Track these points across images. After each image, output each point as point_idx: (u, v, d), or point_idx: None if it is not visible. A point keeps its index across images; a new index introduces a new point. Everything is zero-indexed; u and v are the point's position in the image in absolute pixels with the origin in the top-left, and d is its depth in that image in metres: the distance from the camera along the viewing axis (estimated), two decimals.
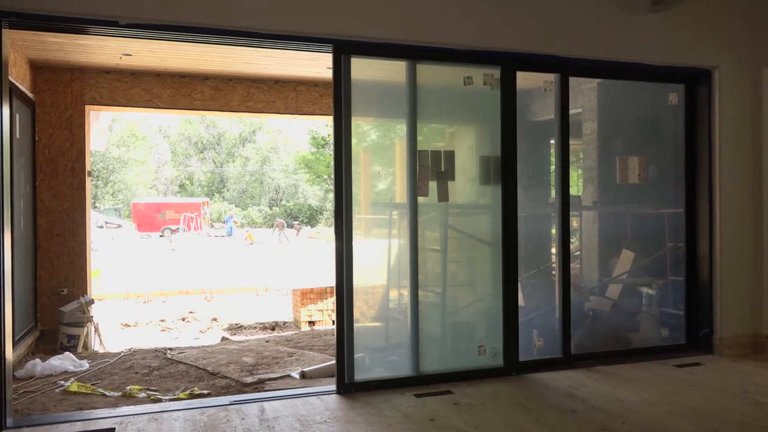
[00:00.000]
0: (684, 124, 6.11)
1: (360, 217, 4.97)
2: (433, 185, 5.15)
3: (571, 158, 5.70)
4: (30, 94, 7.50)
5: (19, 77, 6.87)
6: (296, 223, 38.94)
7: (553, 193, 6.19)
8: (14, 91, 6.45)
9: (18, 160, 6.70)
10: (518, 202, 5.35)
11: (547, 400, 4.61)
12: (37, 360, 6.09)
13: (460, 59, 5.18)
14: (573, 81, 5.70)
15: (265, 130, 49.27)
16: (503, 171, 5.29)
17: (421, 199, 5.12)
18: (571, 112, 5.66)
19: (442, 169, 5.18)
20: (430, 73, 5.20)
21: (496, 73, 5.28)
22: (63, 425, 4.16)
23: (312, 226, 41.50)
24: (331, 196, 40.85)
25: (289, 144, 48.97)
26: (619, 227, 6.82)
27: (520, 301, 5.45)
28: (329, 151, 39.06)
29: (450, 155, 5.23)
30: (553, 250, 6.27)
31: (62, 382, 5.57)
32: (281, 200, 47.51)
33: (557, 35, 5.39)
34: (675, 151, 6.21)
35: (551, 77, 5.62)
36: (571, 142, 5.66)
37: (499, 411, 4.39)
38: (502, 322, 5.26)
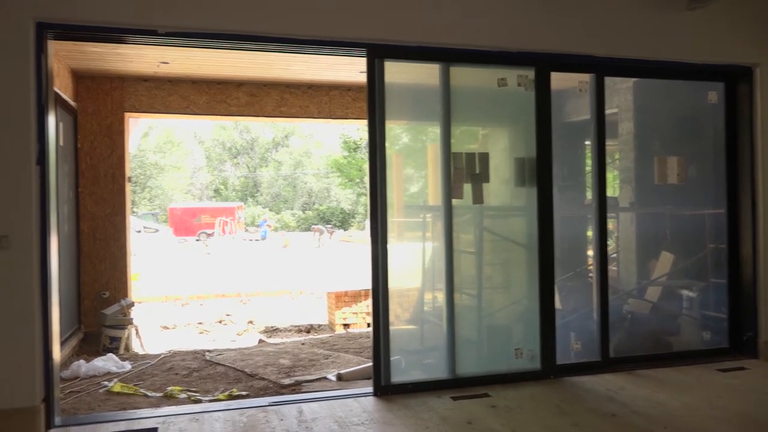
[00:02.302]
0: (724, 123, 5.98)
1: (393, 220, 4.99)
2: (467, 187, 5.14)
3: (607, 159, 5.62)
4: (72, 103, 7.73)
5: (62, 86, 7.08)
6: (329, 226, 39.16)
7: (588, 195, 6.13)
8: (58, 100, 6.65)
9: (62, 167, 6.91)
10: (553, 203, 5.31)
11: (585, 404, 4.56)
12: (82, 361, 6.27)
13: (494, 61, 5.16)
14: (608, 81, 5.64)
15: (297, 135, 49.71)
16: (539, 173, 5.25)
17: (455, 202, 5.12)
18: (606, 112, 5.59)
19: (477, 172, 5.16)
20: (464, 76, 5.20)
21: (530, 74, 5.25)
22: (108, 424, 4.28)
23: (344, 229, 41.68)
24: (363, 199, 41.04)
25: (321, 148, 49.31)
26: (657, 229, 6.70)
27: (557, 304, 5.40)
28: (361, 154, 39.23)
29: (484, 157, 5.22)
30: (590, 252, 6.19)
31: (106, 382, 5.72)
32: (314, 204, 47.84)
33: (592, 35, 5.33)
34: (715, 150, 6.08)
35: (586, 77, 5.57)
36: (607, 143, 5.59)
37: (537, 414, 4.35)
38: (539, 324, 5.22)
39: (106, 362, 6.27)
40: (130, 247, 8.43)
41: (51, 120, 4.32)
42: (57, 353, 4.36)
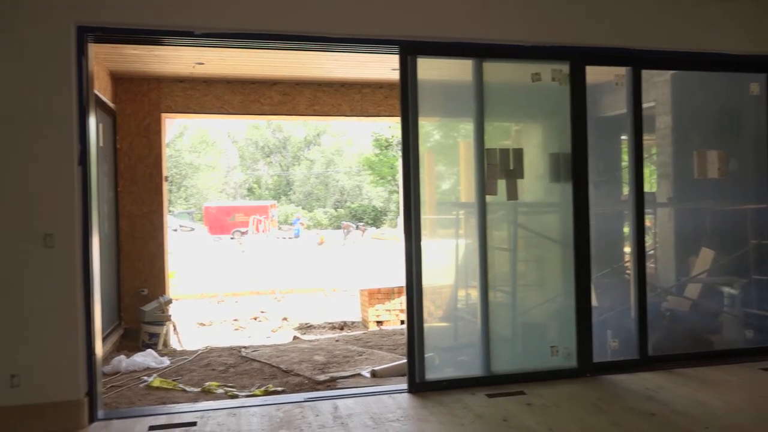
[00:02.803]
0: (767, 115, 5.81)
1: (425, 217, 4.98)
2: (501, 183, 5.10)
3: (644, 154, 5.52)
4: (111, 104, 7.91)
5: (102, 88, 7.25)
6: (361, 224, 39.28)
7: (625, 190, 6.03)
8: (97, 101, 6.81)
9: (102, 167, 7.08)
10: (589, 199, 5.23)
11: (624, 403, 4.49)
12: (122, 356, 6.41)
13: (528, 55, 5.12)
14: (645, 74, 5.53)
15: (329, 133, 49.95)
16: (574, 168, 5.19)
17: (489, 198, 5.09)
18: (643, 106, 5.49)
19: (511, 167, 5.12)
20: (497, 71, 5.16)
21: (564, 68, 5.19)
22: (148, 418, 4.37)
23: (377, 227, 41.76)
24: (395, 197, 41.04)
25: (352, 146, 49.47)
26: (697, 224, 6.55)
27: (593, 301, 5.33)
28: (392, 152, 39.23)
29: (518, 153, 5.17)
30: (626, 249, 6.09)
31: (145, 377, 5.84)
32: (346, 202, 48.04)
33: (628, 27, 5.24)
34: (757, 143, 5.92)
35: (622, 71, 5.48)
36: (644, 138, 5.49)
37: (574, 413, 4.31)
38: (575, 322, 5.16)
39: (146, 358, 6.41)
40: (167, 245, 8.59)
41: (92, 121, 4.43)
42: (99, 349, 4.48)
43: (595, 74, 5.38)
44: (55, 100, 4.19)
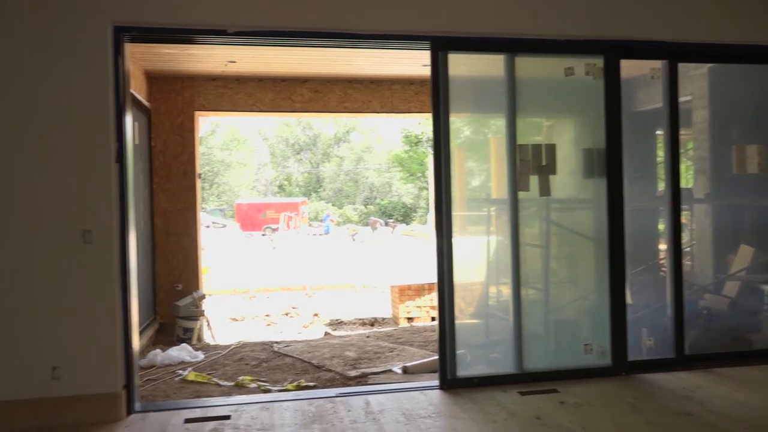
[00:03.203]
0: None
1: (455, 213, 4.95)
2: (534, 180, 5.05)
3: (680, 149, 5.41)
4: (146, 103, 8.05)
5: (137, 87, 7.39)
6: (391, 220, 39.31)
7: (660, 186, 5.91)
8: (133, 100, 6.94)
9: (137, 165, 7.21)
10: (623, 195, 5.15)
11: (659, 402, 4.42)
12: (158, 350, 6.54)
13: (561, 50, 5.05)
14: (682, 67, 5.41)
15: (359, 130, 50.07)
16: (608, 164, 5.11)
17: (521, 194, 5.04)
18: (680, 99, 5.38)
19: (543, 163, 5.07)
20: (529, 66, 5.11)
21: (598, 62, 5.11)
22: (184, 411, 4.45)
23: (406, 223, 41.74)
24: (425, 193, 40.94)
25: (382, 143, 49.51)
26: (735, 221, 6.40)
27: (628, 299, 5.25)
28: (422, 149, 39.11)
29: (551, 149, 5.12)
30: (662, 246, 5.98)
31: (180, 371, 5.95)
32: (376, 198, 48.13)
33: (664, 19, 5.14)
34: None
35: (658, 64, 5.37)
36: (680, 132, 5.38)
37: (609, 411, 4.25)
38: (610, 319, 5.09)
39: (181, 352, 6.52)
40: (200, 242, 8.73)
41: (128, 120, 4.52)
42: (136, 343, 4.57)
43: (629, 68, 5.29)
44: (93, 100, 4.28)
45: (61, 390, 4.21)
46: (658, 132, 6.13)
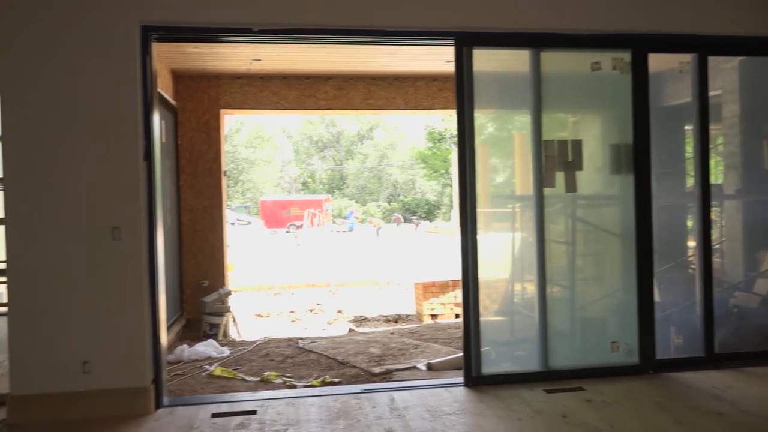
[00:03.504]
0: None
1: (479, 210, 4.93)
2: (559, 176, 5.01)
3: (710, 144, 5.31)
4: (172, 101, 8.15)
5: (164, 86, 7.48)
6: (414, 217, 39.27)
7: (689, 182, 5.82)
8: (160, 99, 7.03)
9: (164, 163, 7.31)
10: (651, 191, 5.08)
11: (689, 401, 4.35)
12: (185, 346, 6.63)
13: (587, 44, 4.99)
14: (711, 61, 5.31)
15: (382, 127, 50.10)
16: (636, 159, 5.04)
17: (546, 191, 5.00)
18: (709, 94, 5.27)
19: (570, 159, 5.02)
20: (555, 61, 5.06)
21: (626, 56, 5.04)
22: (211, 405, 4.51)
23: (430, 220, 41.66)
24: (449, 190, 40.81)
25: (405, 140, 49.47)
26: (767, 217, 6.27)
27: (656, 296, 5.18)
28: (446, 145, 38.98)
29: (577, 144, 5.06)
30: (690, 243, 5.88)
31: (207, 366, 6.02)
32: (399, 195, 48.12)
33: (694, 12, 5.05)
34: None
35: (688, 57, 5.28)
36: (710, 127, 5.28)
37: (636, 410, 4.20)
38: (637, 317, 5.02)
39: (207, 347, 6.60)
40: (226, 239, 8.82)
41: (156, 118, 4.58)
42: (164, 338, 4.64)
43: (657, 62, 5.20)
44: (122, 99, 4.35)
45: (91, 384, 4.30)
46: (687, 127, 6.02)
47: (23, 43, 4.23)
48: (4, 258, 4.28)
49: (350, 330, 9.44)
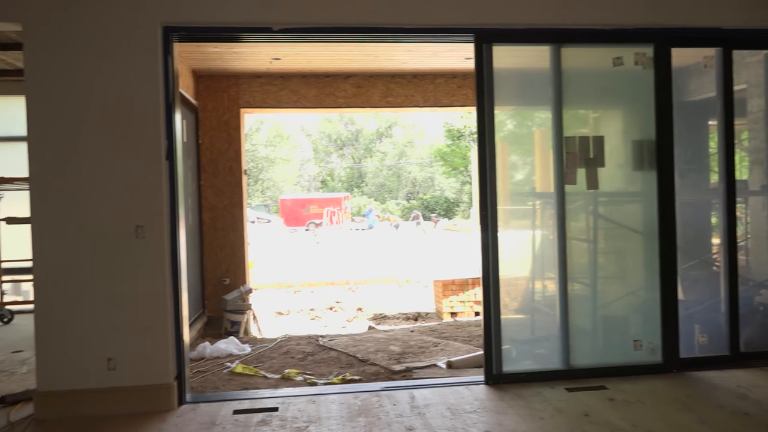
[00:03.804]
0: None
1: (499, 207, 4.90)
2: (581, 173, 4.96)
3: (735, 139, 5.22)
4: (193, 101, 8.22)
5: (185, 86, 7.56)
6: (434, 215, 39.20)
7: (713, 178, 5.73)
8: (181, 98, 7.11)
9: (185, 162, 7.38)
10: (674, 188, 5.01)
11: (713, 401, 4.29)
12: (207, 343, 6.69)
13: (609, 39, 4.94)
14: (736, 54, 5.22)
15: (400, 125, 50.07)
16: (658, 156, 4.98)
17: (567, 188, 4.96)
18: (734, 88, 5.19)
19: (591, 156, 4.97)
20: (576, 56, 5.01)
21: (648, 51, 4.97)
22: (232, 402, 4.54)
23: (449, 218, 41.56)
24: (468, 188, 40.67)
25: (424, 137, 49.40)
26: None
27: (679, 294, 5.11)
28: (465, 143, 38.86)
29: (599, 141, 5.01)
30: (715, 240, 5.79)
31: (228, 363, 6.07)
32: (418, 193, 48.06)
33: (718, 5, 4.97)
34: None
35: (711, 52, 5.20)
36: (735, 122, 5.20)
37: (660, 409, 4.15)
38: (661, 315, 4.97)
39: (228, 345, 6.65)
40: (247, 237, 8.88)
41: (177, 118, 4.62)
42: (186, 335, 4.69)
43: (681, 56, 5.14)
44: (144, 99, 4.40)
45: (116, 380, 4.36)
46: (711, 122, 5.94)
47: (48, 44, 4.30)
48: (30, 256, 4.35)
49: (370, 328, 9.46)
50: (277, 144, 47.18)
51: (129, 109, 4.38)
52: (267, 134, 46.71)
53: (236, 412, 4.33)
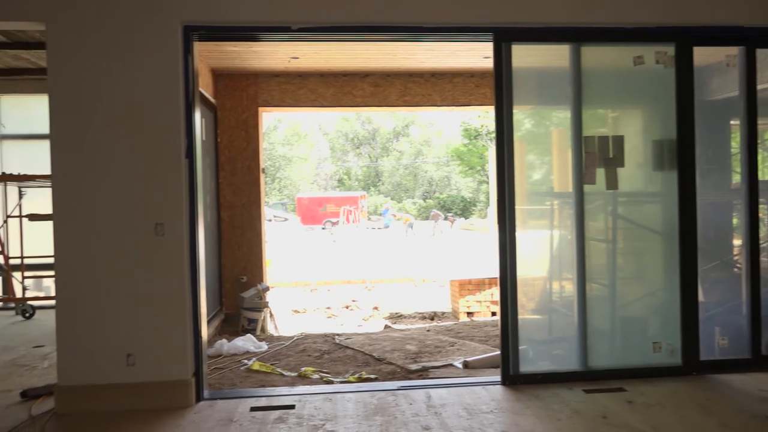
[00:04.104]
0: None
1: (516, 207, 4.87)
2: (600, 172, 4.92)
3: (758, 139, 5.15)
4: (212, 100, 8.28)
5: (204, 85, 7.61)
6: (450, 214, 39.12)
7: (735, 179, 5.64)
8: (200, 97, 7.15)
9: (204, 160, 7.44)
10: (696, 188, 4.96)
11: (734, 404, 4.23)
12: (224, 340, 6.74)
13: (629, 38, 4.89)
14: (759, 53, 5.14)
15: (417, 124, 50.03)
16: (679, 155, 4.92)
17: (586, 188, 4.92)
18: (758, 87, 5.11)
19: (611, 155, 4.93)
20: (596, 55, 4.97)
21: (669, 50, 4.92)
22: (249, 399, 4.57)
23: (465, 217, 41.44)
24: (484, 187, 40.53)
25: (441, 136, 49.32)
26: None
27: (700, 296, 5.04)
28: (482, 142, 38.70)
29: (619, 140, 4.97)
30: (736, 241, 5.70)
31: (245, 360, 6.11)
32: (434, 192, 47.99)
33: (741, 3, 4.89)
34: None
35: (734, 50, 5.13)
36: (758, 121, 5.12)
37: (679, 412, 4.11)
38: (680, 317, 4.91)
39: (246, 342, 6.69)
40: (264, 235, 8.93)
41: (197, 116, 4.66)
42: (204, 332, 4.72)
43: (702, 55, 5.07)
44: (164, 98, 4.43)
45: (135, 376, 4.40)
46: (733, 122, 5.85)
47: (70, 43, 4.35)
48: (52, 252, 4.41)
49: (386, 327, 9.46)
50: (295, 143, 47.38)
51: (150, 107, 4.42)
52: (284, 133, 46.92)
53: (253, 409, 4.35)
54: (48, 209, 4.51)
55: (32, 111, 8.94)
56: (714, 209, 5.86)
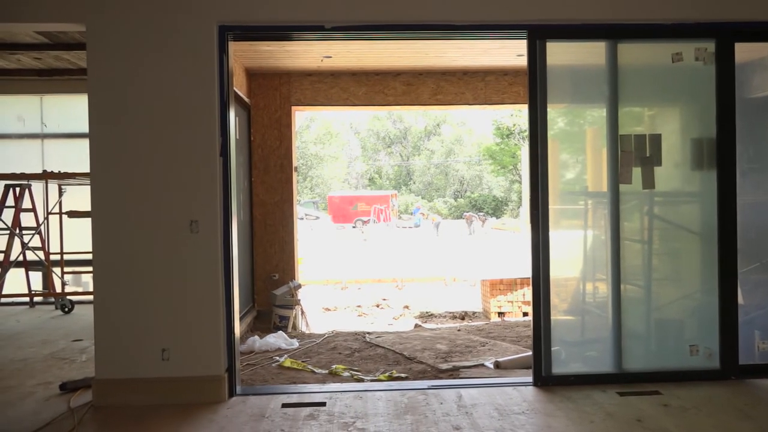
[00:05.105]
0: None
1: (549, 207, 4.81)
2: (636, 172, 4.83)
3: None
4: (246, 99, 8.37)
5: (238, 84, 7.70)
6: (481, 214, 38.88)
7: None
8: (235, 96, 7.24)
9: (237, 159, 7.52)
10: (736, 188, 4.83)
11: None
12: (256, 337, 6.81)
13: (668, 35, 4.79)
14: None
15: (449, 123, 49.83)
16: (719, 154, 4.81)
17: (621, 187, 4.84)
18: None
19: (647, 155, 4.83)
20: (633, 53, 4.89)
21: (709, 46, 4.80)
22: (281, 396, 4.61)
23: (497, 217, 41.14)
24: (516, 186, 40.17)
25: (472, 135, 49.05)
26: None
27: (739, 299, 4.92)
28: (514, 140, 38.38)
29: (656, 139, 4.87)
30: None
31: (277, 357, 6.16)
32: (466, 191, 47.75)
33: None
34: None
35: None
36: None
37: (717, 417, 4.01)
38: (719, 320, 4.79)
39: (277, 339, 6.75)
40: (296, 233, 9.00)
41: (231, 115, 4.71)
42: (237, 329, 4.78)
43: (744, 51, 4.93)
44: (200, 97, 4.50)
45: (169, 371, 4.48)
46: None
47: (110, 44, 4.45)
48: (90, 249, 4.52)
49: (416, 326, 9.45)
50: (326, 141, 47.65)
51: (185, 106, 4.49)
52: (316, 132, 47.22)
53: (285, 405, 4.39)
54: (87, 206, 4.61)
55: (73, 110, 9.16)
56: (754, 210, 5.69)
